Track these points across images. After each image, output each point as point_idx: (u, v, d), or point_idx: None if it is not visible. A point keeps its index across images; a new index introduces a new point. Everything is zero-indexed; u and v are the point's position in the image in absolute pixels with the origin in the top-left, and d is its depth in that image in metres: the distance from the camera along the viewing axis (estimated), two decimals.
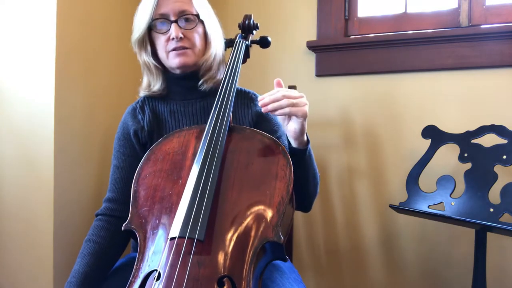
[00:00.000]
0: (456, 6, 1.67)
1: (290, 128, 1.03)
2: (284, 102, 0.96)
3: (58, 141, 1.48)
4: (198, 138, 1.03)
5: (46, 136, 1.47)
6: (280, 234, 0.86)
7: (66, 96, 1.50)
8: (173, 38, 1.13)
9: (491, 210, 1.28)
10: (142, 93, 1.25)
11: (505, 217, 1.27)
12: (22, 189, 1.51)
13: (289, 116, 1.01)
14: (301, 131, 1.02)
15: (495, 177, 1.32)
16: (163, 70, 1.22)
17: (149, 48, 1.20)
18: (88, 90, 1.61)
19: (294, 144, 1.05)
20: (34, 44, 1.47)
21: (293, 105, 0.97)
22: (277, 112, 0.98)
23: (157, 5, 1.14)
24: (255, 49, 1.35)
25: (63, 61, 1.48)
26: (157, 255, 0.84)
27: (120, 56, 1.76)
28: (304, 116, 0.99)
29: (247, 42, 1.27)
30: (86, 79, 1.59)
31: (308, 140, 1.07)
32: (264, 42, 1.32)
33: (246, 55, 1.27)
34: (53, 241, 1.47)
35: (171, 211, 0.90)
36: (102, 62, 1.67)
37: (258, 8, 1.92)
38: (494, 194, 1.30)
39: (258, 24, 1.32)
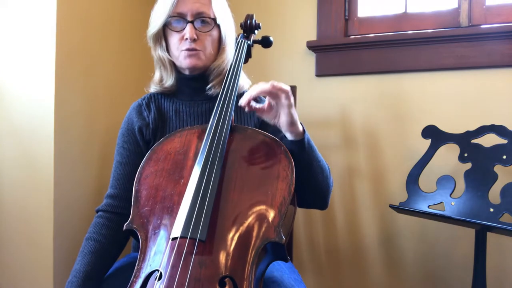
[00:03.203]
0: (456, 6, 1.67)
1: (281, 122, 1.00)
2: (267, 85, 0.94)
3: (58, 141, 1.48)
4: (200, 138, 1.03)
5: (46, 136, 1.47)
6: (282, 234, 0.86)
7: (66, 96, 1.50)
8: (186, 39, 1.13)
9: (491, 210, 1.28)
10: (153, 87, 1.25)
11: (505, 217, 1.28)
12: (22, 189, 1.51)
13: (275, 110, 0.99)
14: (291, 121, 0.99)
15: (495, 177, 1.32)
16: (175, 67, 1.23)
17: (164, 43, 1.20)
18: (88, 90, 1.61)
19: (290, 137, 1.02)
20: (34, 44, 1.47)
21: (277, 88, 0.94)
22: (261, 93, 0.96)
23: (176, 3, 1.14)
24: (255, 48, 1.34)
25: (63, 61, 1.48)
26: (158, 255, 0.84)
27: (120, 56, 1.76)
28: (288, 106, 0.96)
29: (249, 42, 1.27)
30: (86, 79, 1.59)
31: (304, 130, 1.03)
32: (266, 42, 1.32)
33: (248, 55, 1.27)
34: (53, 241, 1.47)
35: (173, 211, 0.90)
36: (102, 62, 1.67)
37: (258, 8, 1.92)
38: (494, 194, 1.30)
39: (260, 24, 1.32)
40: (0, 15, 1.51)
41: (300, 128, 1.03)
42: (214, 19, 1.16)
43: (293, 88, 1.56)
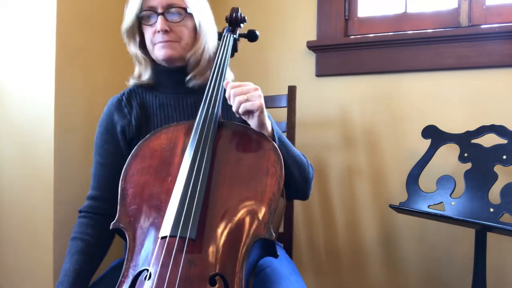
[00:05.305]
0: (456, 6, 1.66)
1: (251, 123, 1.02)
2: (235, 100, 0.97)
3: (58, 141, 1.48)
4: (187, 134, 1.01)
5: (46, 136, 1.47)
6: (272, 231, 0.85)
7: (66, 96, 1.51)
8: (158, 31, 1.13)
9: (491, 210, 1.28)
10: (132, 81, 1.24)
11: (505, 217, 1.27)
12: (22, 189, 1.51)
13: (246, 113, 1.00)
14: (260, 124, 1.01)
15: (495, 177, 1.31)
16: (152, 62, 1.21)
17: (137, 39, 1.19)
18: (88, 90, 1.61)
19: None
20: (34, 44, 1.48)
21: (245, 100, 0.97)
22: (234, 109, 0.99)
23: None
24: (255, 49, 1.34)
25: (63, 61, 1.49)
26: (147, 254, 0.83)
27: (120, 56, 1.76)
28: (258, 110, 0.98)
29: (234, 36, 1.26)
30: (86, 79, 1.60)
31: (273, 129, 1.04)
32: (252, 36, 1.31)
33: (234, 49, 1.26)
34: (53, 241, 1.48)
35: (161, 209, 0.88)
36: (102, 62, 1.67)
37: (258, 8, 1.92)
38: (494, 194, 1.30)
39: (246, 17, 1.31)
40: (0, 15, 1.52)
41: (269, 128, 1.04)
42: (185, 9, 1.14)
43: (293, 88, 1.56)
